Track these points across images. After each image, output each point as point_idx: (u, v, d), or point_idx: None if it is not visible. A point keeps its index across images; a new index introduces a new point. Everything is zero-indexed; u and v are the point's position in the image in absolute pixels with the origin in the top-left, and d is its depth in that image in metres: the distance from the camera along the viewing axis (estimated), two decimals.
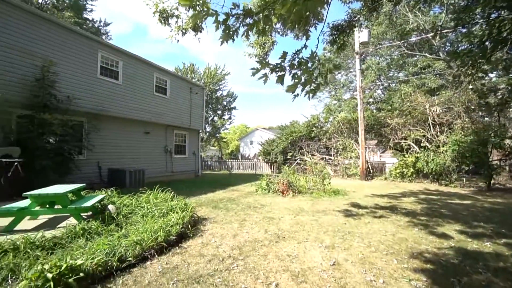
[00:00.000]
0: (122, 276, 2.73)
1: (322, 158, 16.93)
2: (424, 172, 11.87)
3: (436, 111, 13.33)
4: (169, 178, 12.82)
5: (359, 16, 6.95)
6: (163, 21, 3.94)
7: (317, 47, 2.62)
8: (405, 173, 12.56)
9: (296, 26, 2.71)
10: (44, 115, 7.08)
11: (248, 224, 4.83)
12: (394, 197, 8.11)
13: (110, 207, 4.44)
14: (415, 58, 21.26)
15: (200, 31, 3.99)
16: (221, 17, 2.25)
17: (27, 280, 2.21)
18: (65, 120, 7.63)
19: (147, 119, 11.70)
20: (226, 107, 34.16)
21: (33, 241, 3.11)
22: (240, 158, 29.49)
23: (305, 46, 2.38)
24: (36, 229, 3.91)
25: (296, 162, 17.09)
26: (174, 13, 3.97)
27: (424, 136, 13.58)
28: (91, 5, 25.06)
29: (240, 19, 2.41)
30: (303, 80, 2.48)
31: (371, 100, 26.18)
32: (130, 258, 2.92)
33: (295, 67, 2.33)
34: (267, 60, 2.28)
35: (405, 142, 14.36)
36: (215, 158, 29.72)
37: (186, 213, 4.41)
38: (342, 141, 16.53)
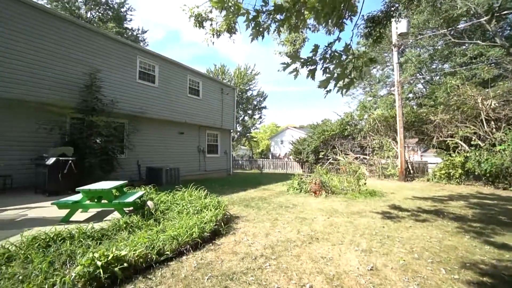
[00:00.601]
0: (160, 269, 2.87)
1: (356, 158, 16.15)
2: (476, 173, 10.66)
3: (491, 105, 11.85)
4: (202, 176, 13.30)
5: (397, 5, 6.46)
6: (198, 25, 4.10)
7: (351, 40, 2.48)
8: (452, 174, 11.41)
9: (329, 20, 2.59)
10: (92, 118, 7.81)
11: (280, 224, 4.78)
12: (440, 200, 7.41)
13: (149, 203, 4.72)
14: (464, 47, 19.15)
15: (234, 33, 4.06)
16: (252, 15, 2.24)
17: (81, 266, 2.44)
18: (109, 122, 8.32)
19: (181, 120, 12.26)
20: (257, 107, 34.39)
21: (85, 231, 3.43)
22: (270, 157, 29.48)
23: (339, 39, 2.26)
24: (87, 221, 4.33)
25: (328, 161, 16.54)
26: (208, 16, 4.10)
27: (475, 133, 12.18)
28: (131, 15, 27.08)
29: (271, 16, 2.37)
30: (335, 75, 2.36)
31: (410, 95, 24.25)
32: (167, 252, 3.07)
33: (327, 60, 2.22)
34: (298, 55, 2.21)
35: (451, 140, 13.03)
36: (245, 158, 30.11)
37: (219, 211, 4.51)
38: (378, 139, 15.58)
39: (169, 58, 11.71)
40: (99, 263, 2.48)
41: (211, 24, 4.41)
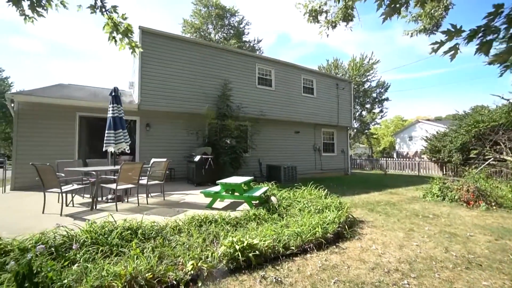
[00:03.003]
0: (286, 262, 3.00)
1: None
2: None
3: None
4: (318, 175, 13.17)
5: None
6: (312, 20, 4.09)
7: None
8: None
9: None
10: (224, 122, 9.34)
11: (418, 236, 3.97)
12: None
13: (273, 198, 5.09)
14: None
15: (351, 20, 3.75)
16: None
17: (225, 247, 2.92)
18: (236, 125, 9.67)
19: (296, 119, 12.62)
20: (376, 99, 30.54)
21: (224, 218, 4.10)
22: (395, 156, 25.47)
23: None
24: (224, 209, 5.17)
25: (487, 162, 12.39)
26: (323, 9, 4.01)
27: None
28: (248, 29, 30.60)
29: None
30: None
31: None
32: (292, 247, 3.18)
33: None
34: (459, 27, 1.69)
35: None
36: (364, 156, 27.45)
37: (342, 213, 4.26)
38: None
39: (283, 61, 12.32)
40: (237, 247, 2.88)
41: (326, 17, 4.29)
